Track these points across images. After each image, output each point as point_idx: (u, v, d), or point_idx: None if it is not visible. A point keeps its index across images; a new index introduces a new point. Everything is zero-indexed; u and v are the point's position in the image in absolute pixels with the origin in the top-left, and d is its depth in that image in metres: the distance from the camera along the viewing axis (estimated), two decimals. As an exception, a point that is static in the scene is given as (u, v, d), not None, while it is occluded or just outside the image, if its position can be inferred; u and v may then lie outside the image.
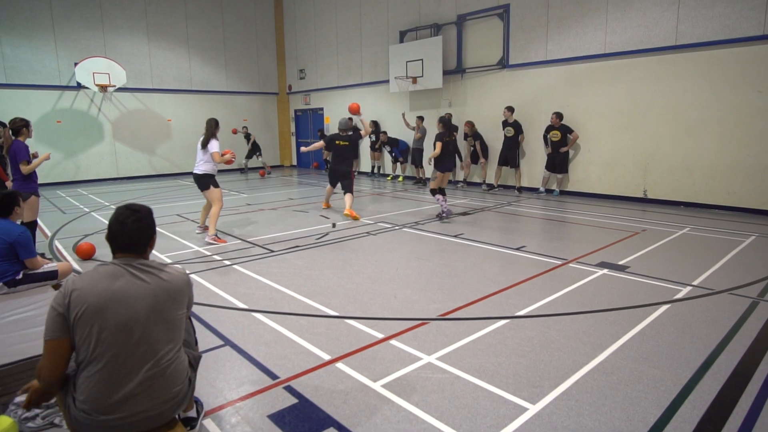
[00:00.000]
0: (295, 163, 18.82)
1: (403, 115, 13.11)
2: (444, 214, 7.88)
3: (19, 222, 3.99)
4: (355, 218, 7.81)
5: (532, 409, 2.63)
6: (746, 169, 8.05)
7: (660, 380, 2.92)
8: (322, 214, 8.56)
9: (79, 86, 13.67)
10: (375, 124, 14.22)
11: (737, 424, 2.49)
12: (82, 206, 9.87)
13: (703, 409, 2.63)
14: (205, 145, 6.46)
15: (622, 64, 9.32)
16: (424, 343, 3.42)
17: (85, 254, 5.71)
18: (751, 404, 2.66)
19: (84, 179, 14.28)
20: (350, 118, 10.39)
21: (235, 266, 5.41)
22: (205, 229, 6.82)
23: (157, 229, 2.42)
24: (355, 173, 12.22)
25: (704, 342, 3.41)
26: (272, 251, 6.02)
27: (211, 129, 6.45)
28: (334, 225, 7.54)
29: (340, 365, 3.13)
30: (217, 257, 5.80)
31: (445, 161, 7.82)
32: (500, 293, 4.44)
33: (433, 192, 8.03)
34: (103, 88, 13.67)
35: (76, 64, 13.42)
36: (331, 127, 16.23)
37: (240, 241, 6.60)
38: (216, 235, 6.53)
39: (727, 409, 2.63)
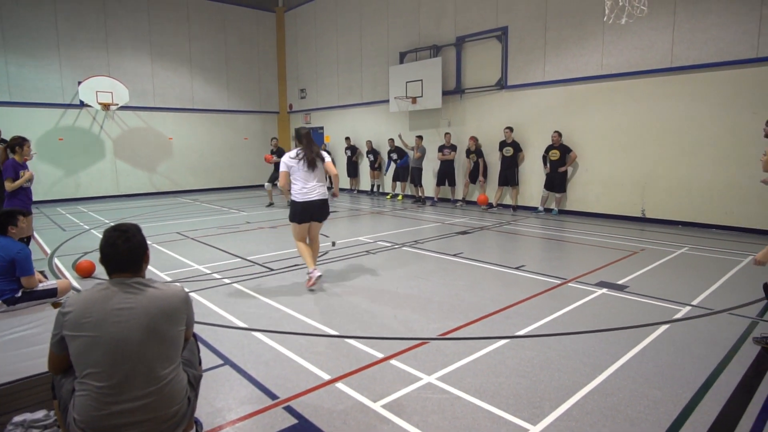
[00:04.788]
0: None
1: (400, 136, 13.24)
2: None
3: (18, 239, 4.01)
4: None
5: (533, 430, 2.62)
6: (743, 189, 8.11)
7: (660, 401, 2.91)
8: (322, 232, 8.57)
9: (82, 104, 13.82)
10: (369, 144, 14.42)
11: (738, 446, 2.48)
12: (82, 223, 9.89)
13: (703, 430, 2.62)
14: (314, 163, 5.10)
15: (619, 86, 9.46)
16: (425, 363, 3.41)
17: (85, 272, 5.71)
18: (751, 426, 2.66)
19: (84, 196, 14.33)
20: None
21: (235, 285, 5.41)
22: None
23: (157, 247, 2.44)
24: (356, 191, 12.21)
25: (704, 362, 3.40)
26: (272, 270, 6.03)
27: (311, 139, 5.19)
28: (334, 243, 7.56)
29: (340, 385, 3.12)
30: (216, 276, 5.80)
31: None
32: (500, 312, 4.44)
33: None
34: (106, 106, 13.81)
35: (79, 83, 13.59)
36: (334, 145, 16.36)
37: (240, 259, 6.61)
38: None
39: (728, 428, 2.62)
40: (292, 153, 5.14)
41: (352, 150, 15.17)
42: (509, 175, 11.08)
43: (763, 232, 7.90)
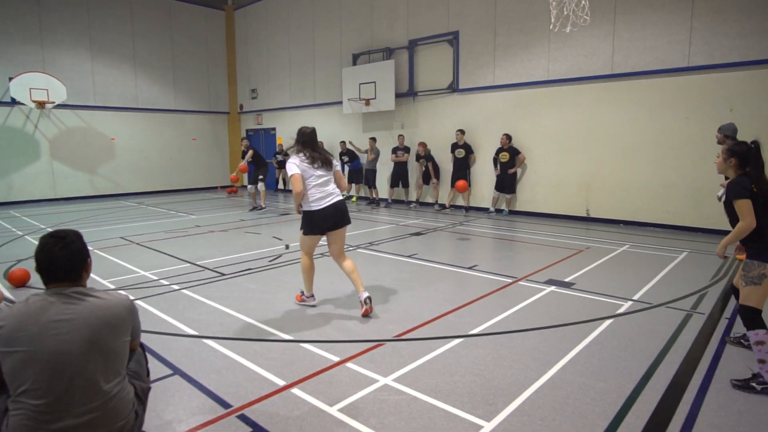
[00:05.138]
0: (246, 183, 18.44)
1: (351, 143, 13.22)
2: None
3: None
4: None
5: (487, 427, 2.68)
6: (679, 189, 8.64)
7: (606, 392, 3.04)
8: (276, 235, 8.43)
9: (14, 102, 12.94)
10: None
11: (676, 431, 2.64)
12: (14, 229, 9.26)
13: (645, 418, 2.76)
14: (329, 164, 4.45)
15: (564, 91, 9.85)
16: (380, 365, 3.42)
17: (19, 281, 5.34)
18: (688, 411, 2.82)
19: (17, 200, 13.42)
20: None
21: (183, 291, 5.22)
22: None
23: (99, 253, 2.32)
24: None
25: (645, 354, 3.59)
26: (223, 275, 5.87)
27: (316, 141, 4.52)
28: (287, 246, 7.45)
29: (295, 390, 3.07)
30: (164, 282, 5.58)
31: None
32: (454, 312, 4.51)
33: None
34: (41, 104, 13.01)
35: (10, 78, 12.72)
36: (286, 147, 16.12)
37: (189, 264, 6.39)
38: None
39: (666, 417, 2.77)
40: (302, 155, 4.33)
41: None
42: (461, 177, 11.27)
43: (697, 229, 8.44)
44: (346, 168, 13.69)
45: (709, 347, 3.71)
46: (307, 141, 4.42)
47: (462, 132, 11.17)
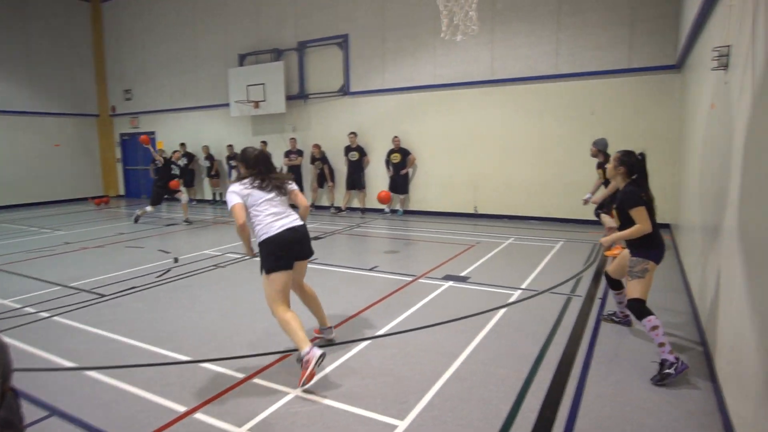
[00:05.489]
0: (122, 192, 16.87)
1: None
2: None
3: None
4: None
5: (401, 425, 2.72)
6: (553, 185, 9.54)
7: (506, 378, 3.25)
8: (162, 248, 7.80)
9: None
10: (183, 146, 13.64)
11: (568, 405, 2.89)
12: None
13: (542, 397, 2.99)
14: (283, 189, 3.66)
15: (450, 95, 10.38)
16: (290, 377, 3.31)
17: None
18: (576, 386, 3.12)
19: None
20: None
21: (55, 318, 4.60)
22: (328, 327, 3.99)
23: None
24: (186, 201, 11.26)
25: (536, 338, 3.90)
26: (103, 296, 5.28)
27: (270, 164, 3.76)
28: (176, 260, 6.93)
29: (199, 415, 2.85)
30: (30, 309, 4.87)
31: None
32: (359, 314, 4.52)
33: None
34: None
35: None
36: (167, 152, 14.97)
37: (60, 287, 5.65)
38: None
39: (559, 393, 3.03)
40: (244, 182, 3.55)
41: (189, 157, 14.03)
42: (356, 179, 11.41)
43: (569, 220, 9.39)
44: (234, 173, 13.14)
45: (588, 326, 4.13)
46: (259, 164, 3.61)
47: (355, 135, 11.28)
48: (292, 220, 3.55)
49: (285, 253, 3.43)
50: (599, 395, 3.01)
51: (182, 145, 14.03)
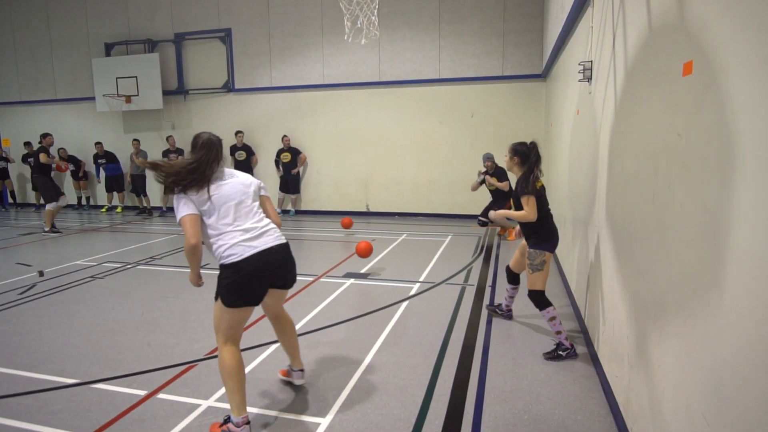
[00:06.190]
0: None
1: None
2: None
3: None
4: None
5: (324, 423, 2.74)
6: (438, 183, 10.13)
7: (417, 366, 3.42)
8: (20, 261, 6.82)
9: None
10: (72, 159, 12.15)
11: (475, 384, 3.14)
12: None
13: (451, 381, 3.21)
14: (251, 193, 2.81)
15: (339, 94, 10.48)
16: (198, 388, 3.14)
17: None
18: (479, 367, 3.39)
19: None
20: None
21: None
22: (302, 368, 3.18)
23: None
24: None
25: (439, 326, 4.15)
26: (-50, 319, 4.49)
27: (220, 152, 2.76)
28: (41, 273, 6.11)
29: (99, 441, 2.59)
30: None
31: None
32: (264, 318, 4.41)
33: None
34: None
35: None
36: (11, 150, 13.03)
37: None
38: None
39: (466, 376, 3.28)
40: (186, 174, 2.59)
41: (74, 161, 12.36)
42: (245, 179, 10.99)
43: (455, 216, 10.03)
44: (102, 172, 11.93)
45: (483, 313, 4.50)
46: (215, 147, 2.68)
47: (241, 133, 10.88)
48: (274, 237, 2.76)
49: (256, 284, 2.62)
50: (500, 372, 3.31)
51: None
